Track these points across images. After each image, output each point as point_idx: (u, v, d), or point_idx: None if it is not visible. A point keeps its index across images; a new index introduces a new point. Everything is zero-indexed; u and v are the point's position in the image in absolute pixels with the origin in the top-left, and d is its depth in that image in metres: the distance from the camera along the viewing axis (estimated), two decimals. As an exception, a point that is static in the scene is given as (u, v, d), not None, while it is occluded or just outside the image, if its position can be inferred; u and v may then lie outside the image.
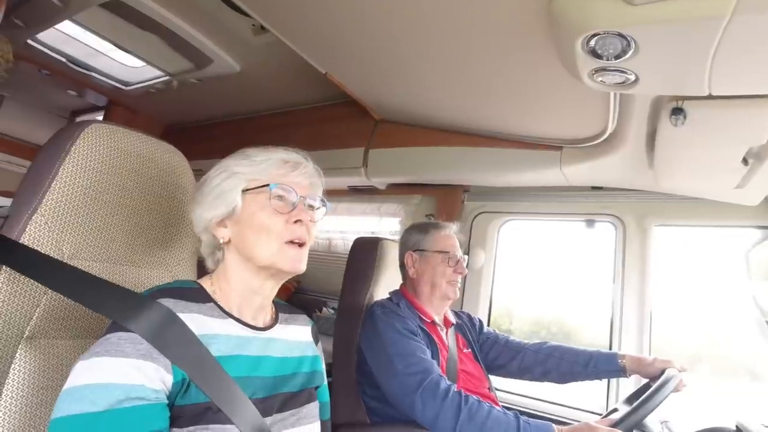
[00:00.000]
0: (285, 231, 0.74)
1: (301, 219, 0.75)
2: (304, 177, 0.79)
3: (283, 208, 0.75)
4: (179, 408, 0.63)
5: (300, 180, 0.78)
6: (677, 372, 1.18)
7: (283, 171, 0.77)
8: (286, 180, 0.77)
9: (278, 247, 0.74)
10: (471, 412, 1.04)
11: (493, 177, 1.85)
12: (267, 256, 0.74)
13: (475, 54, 1.21)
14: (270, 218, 0.74)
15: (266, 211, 0.74)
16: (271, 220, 0.74)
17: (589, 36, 0.83)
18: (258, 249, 0.74)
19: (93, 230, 0.78)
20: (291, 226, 0.74)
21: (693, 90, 0.92)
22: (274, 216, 0.74)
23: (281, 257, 0.74)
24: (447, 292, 1.39)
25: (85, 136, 0.77)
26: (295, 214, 0.75)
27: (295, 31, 1.42)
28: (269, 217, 0.74)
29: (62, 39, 1.99)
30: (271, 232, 0.74)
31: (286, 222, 0.74)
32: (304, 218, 0.75)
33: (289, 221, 0.75)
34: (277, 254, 0.74)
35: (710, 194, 1.54)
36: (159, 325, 0.64)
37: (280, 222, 0.74)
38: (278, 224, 0.74)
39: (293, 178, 0.77)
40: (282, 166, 0.78)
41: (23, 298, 0.70)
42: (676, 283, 1.82)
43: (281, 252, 0.74)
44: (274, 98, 2.36)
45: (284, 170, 0.77)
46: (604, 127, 1.37)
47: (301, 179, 0.78)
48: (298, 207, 0.76)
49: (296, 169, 0.78)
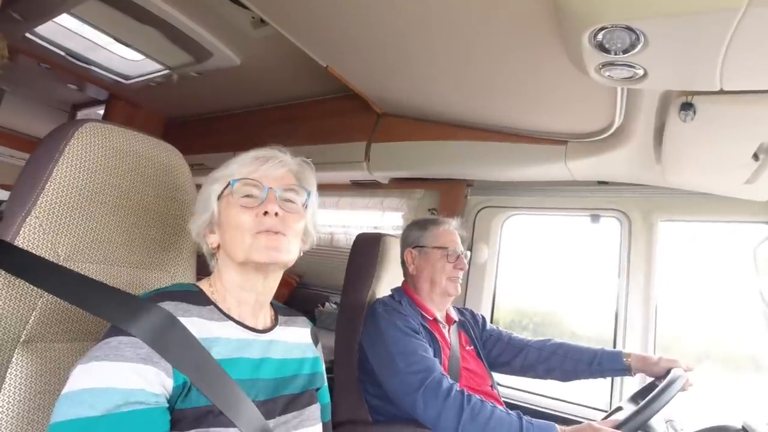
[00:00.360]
0: (254, 224, 0.73)
1: (267, 210, 0.73)
2: (275, 168, 0.77)
3: (251, 203, 0.74)
4: (180, 412, 0.63)
5: (270, 172, 0.77)
6: (683, 372, 1.17)
7: (253, 167, 0.77)
8: (255, 175, 0.76)
9: (250, 239, 0.73)
10: (473, 412, 1.03)
11: (497, 171, 1.83)
12: (242, 252, 0.73)
13: (479, 47, 1.19)
14: (239, 215, 0.73)
15: (235, 209, 0.74)
16: (241, 217, 0.73)
17: (596, 29, 0.80)
18: (234, 246, 0.74)
19: (89, 231, 0.77)
20: (260, 219, 0.73)
21: (704, 85, 0.89)
22: (243, 212, 0.73)
23: (253, 249, 0.72)
24: (447, 289, 1.37)
25: (80, 135, 0.75)
26: (262, 206, 0.74)
27: (295, 23, 1.39)
28: (238, 213, 0.74)
29: (61, 32, 1.97)
30: (242, 227, 0.73)
31: (255, 216, 0.73)
32: (270, 209, 0.73)
33: (259, 214, 0.73)
34: (250, 246, 0.72)
35: (718, 190, 1.51)
36: (159, 328, 0.63)
37: (250, 216, 0.73)
38: (248, 219, 0.73)
39: (263, 172, 0.76)
40: (252, 163, 0.77)
41: (19, 302, 0.69)
42: (682, 279, 1.79)
43: (252, 244, 0.72)
44: (274, 92, 2.34)
45: (254, 166, 0.77)
46: (610, 122, 1.34)
47: (271, 171, 0.77)
48: (268, 199, 0.74)
49: (267, 162, 0.77)
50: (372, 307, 1.33)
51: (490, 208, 2.07)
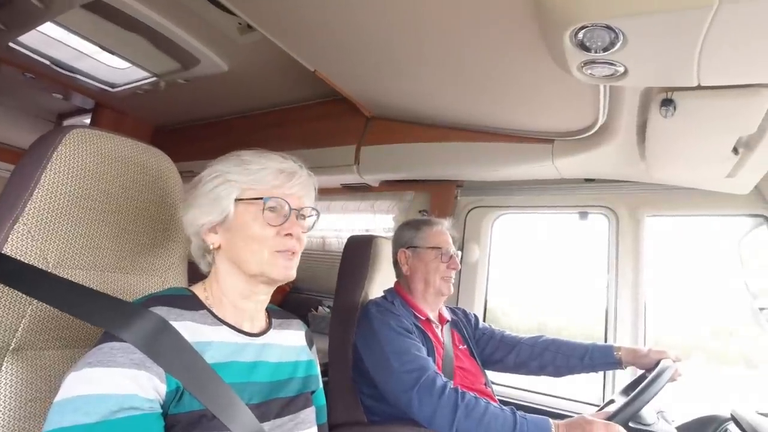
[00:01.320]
0: (275, 242, 0.75)
1: (292, 233, 0.76)
2: (298, 188, 0.79)
3: (274, 220, 0.75)
4: (173, 417, 0.63)
5: (293, 191, 0.78)
6: (672, 362, 1.19)
7: (278, 182, 0.77)
8: (279, 192, 0.77)
9: (268, 256, 0.74)
10: (468, 409, 1.04)
11: (486, 171, 1.85)
12: (257, 265, 0.74)
13: (466, 49, 1.20)
14: (262, 229, 0.74)
15: (258, 222, 0.75)
16: (263, 232, 0.74)
17: (577, 28, 0.82)
18: (248, 258, 0.74)
19: (79, 238, 0.76)
20: (282, 239, 0.75)
21: (682, 81, 0.92)
22: (266, 227, 0.75)
23: (271, 266, 0.75)
24: (441, 288, 1.38)
25: (67, 141, 0.75)
26: (286, 227, 0.75)
27: (281, 28, 1.40)
28: (261, 228, 0.75)
29: (45, 41, 1.95)
30: (262, 242, 0.74)
31: (276, 234, 0.75)
32: (295, 232, 0.76)
33: (280, 233, 0.75)
34: (267, 263, 0.74)
35: (702, 184, 1.54)
36: (152, 333, 0.63)
37: (271, 233, 0.75)
38: (269, 235, 0.75)
39: (287, 190, 0.77)
40: (277, 177, 0.77)
41: (8, 309, 0.68)
42: (670, 273, 1.83)
43: (271, 261, 0.75)
44: (263, 97, 2.34)
45: (279, 181, 0.77)
46: (594, 120, 1.37)
47: (294, 190, 0.78)
48: (290, 220, 0.76)
49: (291, 179, 0.78)
50: (365, 308, 1.33)
51: (480, 208, 2.08)
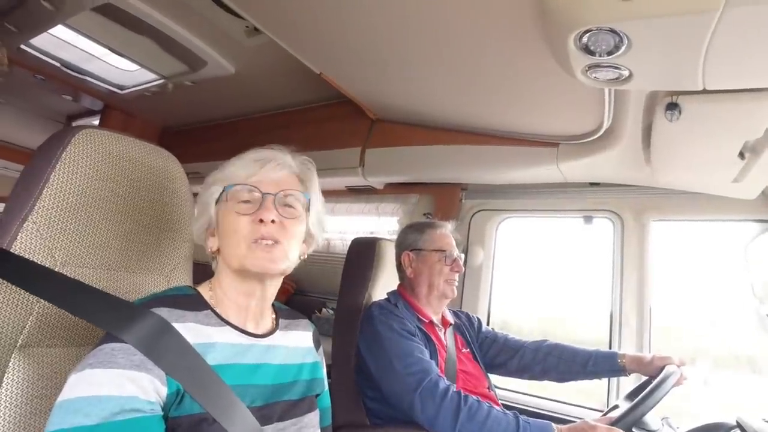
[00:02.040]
0: (250, 231, 0.72)
1: (263, 218, 0.72)
2: (273, 172, 0.76)
3: (247, 209, 0.73)
4: (174, 420, 0.62)
5: (268, 176, 0.76)
6: (676, 368, 1.18)
7: (252, 170, 0.76)
8: (252, 180, 0.75)
9: (246, 248, 0.72)
10: (471, 412, 1.03)
11: (491, 174, 1.85)
12: (237, 259, 0.73)
13: (470, 51, 1.21)
14: (235, 221, 0.73)
15: (231, 215, 0.74)
16: (237, 223, 0.73)
17: (581, 32, 0.82)
18: (229, 253, 0.74)
19: (86, 237, 0.77)
20: (255, 226, 0.72)
21: (687, 85, 0.92)
22: (239, 218, 0.73)
23: (249, 259, 0.72)
24: (445, 291, 1.38)
25: (77, 141, 0.76)
26: (258, 213, 0.72)
27: (288, 31, 1.41)
28: (234, 220, 0.73)
29: (56, 43, 1.98)
30: (237, 234, 0.72)
31: (251, 222, 0.72)
32: (265, 216, 0.72)
33: (255, 221, 0.72)
34: (244, 256, 0.72)
35: (707, 189, 1.53)
36: (152, 335, 0.63)
37: (246, 223, 0.72)
38: (243, 226, 0.72)
39: (261, 176, 0.75)
40: (250, 166, 0.76)
41: (15, 307, 0.69)
42: (676, 278, 1.81)
43: (248, 253, 0.72)
44: (269, 99, 2.35)
45: (252, 169, 0.76)
46: (599, 123, 1.36)
47: (269, 175, 0.76)
48: (264, 205, 0.73)
49: (265, 165, 0.76)
50: (368, 310, 1.33)
51: (484, 212, 2.08)
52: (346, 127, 2.13)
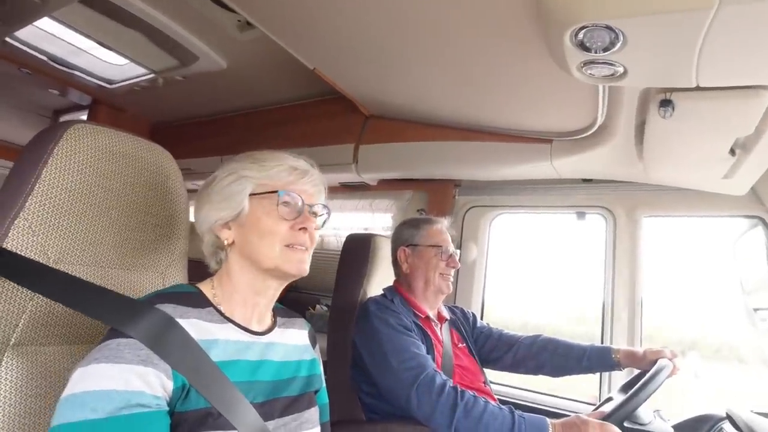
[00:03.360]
0: (288, 236, 0.76)
1: (306, 227, 0.77)
2: (310, 185, 0.81)
3: (288, 214, 0.77)
4: (179, 414, 0.63)
5: (306, 188, 0.80)
6: (668, 361, 1.20)
7: (291, 178, 0.79)
8: (293, 188, 0.79)
9: (280, 250, 0.76)
10: (467, 408, 1.04)
11: (484, 171, 1.86)
12: (271, 259, 0.75)
13: (464, 48, 1.21)
14: (276, 224, 0.76)
15: (272, 217, 0.76)
16: (277, 226, 0.76)
17: (577, 29, 0.83)
18: (262, 252, 0.75)
19: (79, 233, 0.76)
20: (295, 233, 0.77)
21: (681, 82, 0.93)
22: (280, 222, 0.76)
23: (284, 260, 0.76)
24: (441, 286, 1.39)
25: (68, 136, 0.75)
26: (299, 222, 0.77)
27: (281, 26, 1.40)
28: (275, 222, 0.76)
29: (42, 37, 1.93)
30: (275, 236, 0.76)
31: (290, 228, 0.76)
32: (309, 226, 0.77)
33: (294, 228, 0.77)
34: (280, 257, 0.75)
35: (698, 185, 1.56)
36: (158, 330, 0.63)
37: (285, 227, 0.76)
38: (282, 230, 0.76)
39: (300, 186, 0.80)
40: (291, 173, 0.80)
41: (8, 305, 0.68)
42: (667, 273, 1.84)
43: (284, 255, 0.76)
44: (262, 95, 2.33)
45: (293, 177, 0.79)
46: (593, 120, 1.37)
47: (307, 187, 0.81)
48: (303, 214, 0.78)
49: (304, 176, 0.80)
50: (364, 305, 1.33)
51: (478, 208, 2.09)
52: (339, 123, 2.12)
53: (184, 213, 0.93)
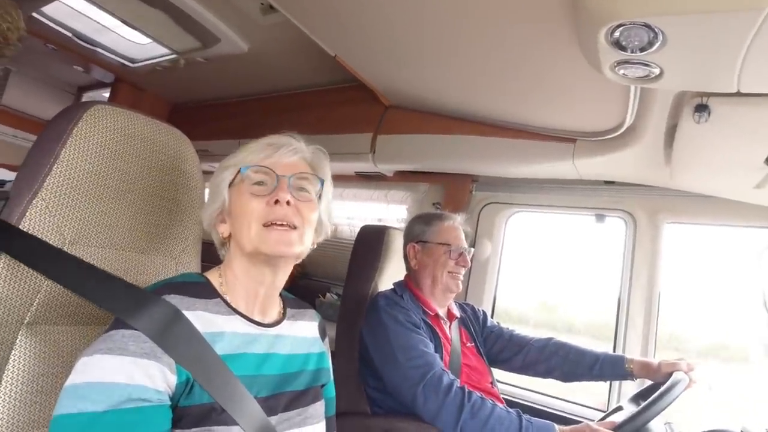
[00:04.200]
0: (264, 213, 0.71)
1: (278, 198, 0.71)
2: (287, 157, 0.76)
3: (261, 191, 0.72)
4: (182, 409, 0.62)
5: (282, 159, 0.75)
6: (684, 375, 1.16)
7: (264, 154, 0.75)
8: (266, 162, 0.74)
9: (257, 230, 0.71)
10: (474, 409, 1.03)
11: (503, 167, 1.82)
12: (249, 241, 0.71)
13: (491, 41, 1.17)
14: (249, 202, 0.72)
15: (245, 196, 0.73)
16: (250, 205, 0.71)
17: (613, 26, 0.79)
18: (242, 235, 0.72)
19: (95, 215, 0.76)
20: (271, 208, 0.71)
21: (721, 86, 0.88)
22: (253, 200, 0.72)
23: (261, 241, 0.70)
24: (449, 285, 1.37)
25: (88, 117, 0.74)
26: (273, 195, 0.71)
27: (304, 10, 1.37)
28: (248, 201, 0.72)
29: (68, 13, 1.95)
30: (251, 215, 0.71)
31: (266, 204, 0.71)
32: (281, 197, 0.71)
33: (270, 203, 0.71)
34: (257, 238, 0.71)
35: (727, 193, 1.50)
36: (164, 323, 0.62)
37: (260, 205, 0.71)
38: (257, 207, 0.71)
39: (275, 159, 0.75)
40: (264, 150, 0.75)
41: (24, 284, 0.68)
42: (686, 280, 1.79)
43: (261, 234, 0.71)
44: (282, 80, 2.32)
45: (266, 153, 0.75)
46: (621, 121, 1.32)
47: (284, 158, 0.75)
48: (279, 187, 0.72)
49: (279, 150, 0.75)
50: (374, 300, 1.32)
51: (494, 204, 2.05)
52: (358, 112, 2.10)
53: (199, 198, 0.92)
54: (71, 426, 0.54)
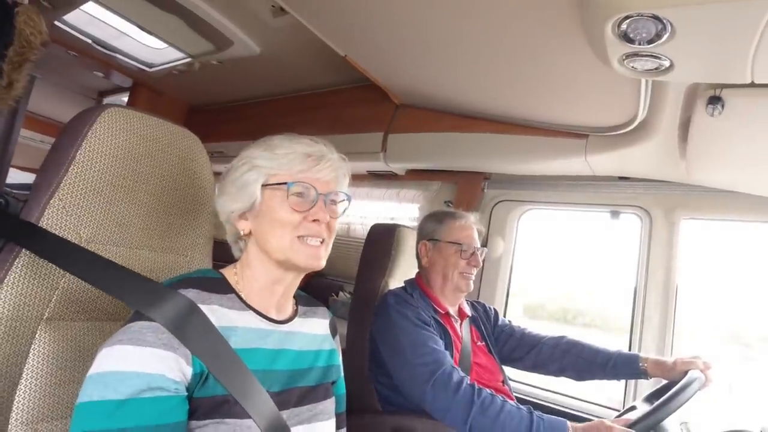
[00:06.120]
0: (300, 228, 0.74)
1: (318, 219, 0.74)
2: (326, 171, 0.77)
3: (301, 205, 0.74)
4: (197, 400, 0.64)
5: (321, 175, 0.76)
6: (700, 373, 1.14)
7: (304, 166, 0.76)
8: (306, 176, 0.75)
9: (291, 242, 0.74)
10: (483, 406, 1.03)
11: (515, 165, 1.81)
12: (281, 251, 0.74)
13: (500, 36, 1.16)
14: (287, 215, 0.74)
15: (284, 208, 0.74)
16: (288, 217, 0.74)
17: (620, 18, 0.78)
18: (273, 244, 0.74)
19: (110, 215, 0.79)
20: (307, 224, 0.74)
21: (734, 78, 0.86)
22: (292, 213, 0.74)
23: (295, 253, 0.74)
24: (459, 284, 1.36)
25: (102, 120, 0.77)
26: (312, 213, 0.74)
27: (313, 12, 1.39)
28: (287, 214, 0.74)
29: (87, 20, 2.01)
30: (286, 228, 0.74)
31: (303, 219, 0.74)
32: (322, 218, 0.75)
33: (307, 219, 0.74)
34: (291, 249, 0.74)
35: (746, 188, 1.45)
36: (180, 315, 0.64)
37: (297, 219, 0.74)
38: (294, 221, 0.74)
39: (314, 174, 0.76)
40: (304, 161, 0.76)
41: (43, 281, 0.71)
42: (703, 277, 1.74)
43: (295, 247, 0.74)
44: (293, 81, 2.35)
45: (306, 165, 0.76)
46: (633, 115, 1.30)
47: (322, 174, 0.76)
48: (317, 205, 0.75)
49: (318, 163, 0.76)
50: (384, 298, 1.33)
51: (506, 202, 2.04)
52: (369, 111, 2.11)
53: (210, 198, 0.95)
54: (94, 413, 0.57)
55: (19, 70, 0.94)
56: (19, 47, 0.93)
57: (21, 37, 0.92)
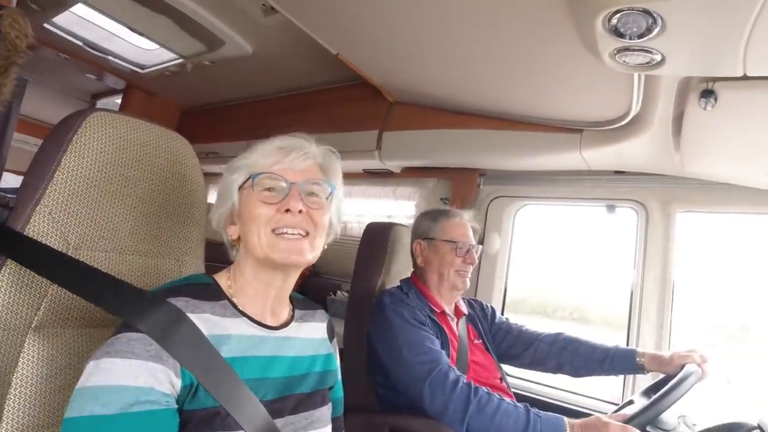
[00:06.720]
0: (272, 221, 0.71)
1: (290, 207, 0.71)
2: (299, 160, 0.74)
3: (271, 198, 0.72)
4: (188, 413, 0.62)
5: (294, 165, 0.74)
6: (697, 366, 1.14)
7: (275, 158, 0.74)
8: (276, 168, 0.73)
9: (267, 238, 0.71)
10: (480, 404, 1.03)
11: (510, 160, 1.80)
12: (260, 248, 0.71)
13: (491, 33, 1.16)
14: (259, 209, 0.71)
15: (256, 203, 0.72)
16: (260, 211, 0.71)
17: (610, 13, 0.77)
18: (253, 242, 0.72)
19: (98, 220, 0.78)
20: (280, 216, 0.71)
21: (726, 71, 0.85)
22: (263, 207, 0.71)
23: (272, 248, 0.71)
24: (455, 283, 1.35)
25: (87, 125, 0.76)
26: (284, 203, 0.71)
27: (303, 10, 1.38)
28: (258, 208, 0.71)
29: (77, 22, 2.00)
30: (258, 222, 0.71)
31: (276, 212, 0.71)
32: (293, 206, 0.70)
33: (279, 211, 0.71)
34: (268, 245, 0.71)
35: (740, 180, 1.45)
36: (167, 325, 0.62)
37: (270, 211, 0.71)
38: (268, 215, 0.71)
39: (286, 165, 0.73)
40: (275, 154, 0.74)
41: (31, 289, 0.70)
42: (700, 270, 1.74)
43: (272, 243, 0.71)
44: (287, 80, 2.34)
45: (278, 157, 0.74)
46: (627, 110, 1.30)
47: (295, 164, 0.74)
48: (290, 194, 0.71)
49: (290, 154, 0.74)
50: (379, 297, 1.32)
51: (502, 198, 2.04)
52: (363, 109, 2.10)
53: (200, 200, 0.94)
54: (82, 429, 0.55)
55: (5, 74, 0.93)
56: (4, 51, 0.91)
57: (6, 40, 0.91)
